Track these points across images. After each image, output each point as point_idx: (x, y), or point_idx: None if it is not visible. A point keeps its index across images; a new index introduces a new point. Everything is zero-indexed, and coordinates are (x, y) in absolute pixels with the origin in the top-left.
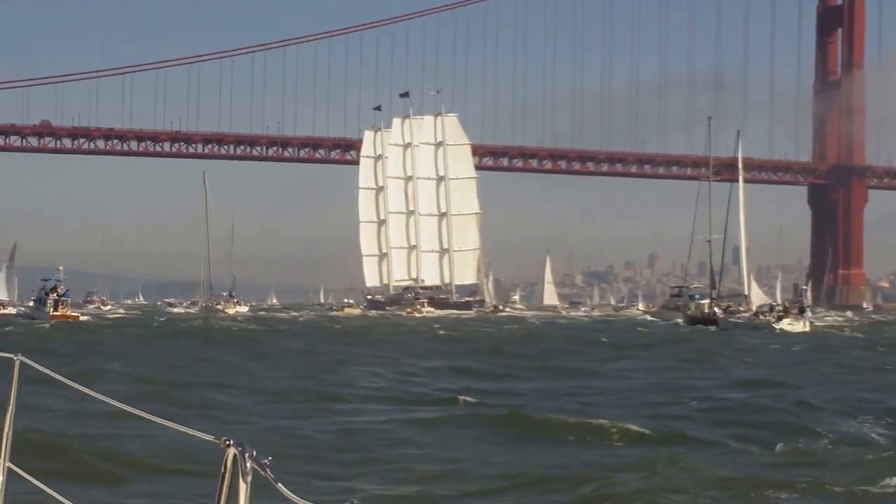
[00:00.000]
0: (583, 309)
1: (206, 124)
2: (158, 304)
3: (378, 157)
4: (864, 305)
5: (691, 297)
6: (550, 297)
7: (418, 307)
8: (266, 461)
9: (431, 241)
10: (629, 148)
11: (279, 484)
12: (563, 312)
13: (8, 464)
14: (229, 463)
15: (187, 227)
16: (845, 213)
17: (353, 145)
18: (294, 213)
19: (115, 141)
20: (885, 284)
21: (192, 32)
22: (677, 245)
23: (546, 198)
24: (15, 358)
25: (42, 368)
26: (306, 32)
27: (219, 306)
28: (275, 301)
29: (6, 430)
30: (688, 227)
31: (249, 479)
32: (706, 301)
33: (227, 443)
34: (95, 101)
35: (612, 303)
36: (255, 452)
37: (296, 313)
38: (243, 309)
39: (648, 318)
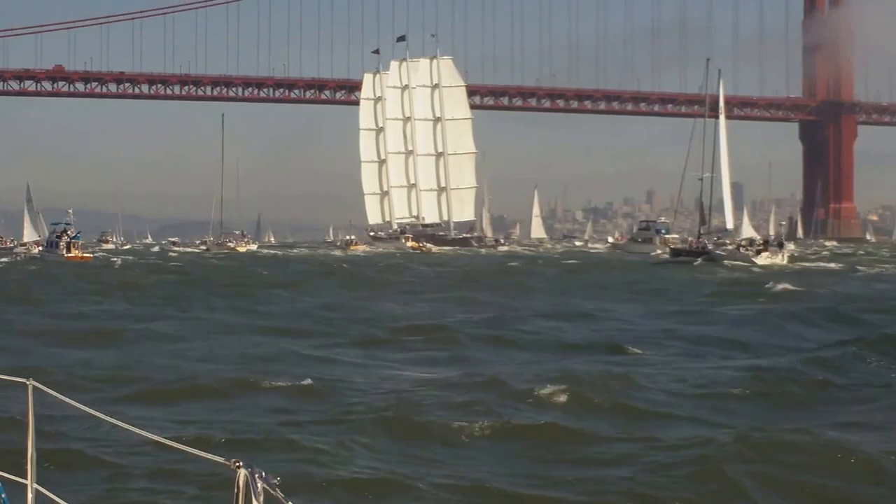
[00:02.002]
0: (576, 242)
1: (215, 67)
2: (163, 242)
3: (377, 99)
4: (868, 237)
5: (657, 232)
6: (538, 230)
7: (403, 241)
8: (275, 481)
9: (430, 180)
10: (625, 87)
11: (290, 503)
12: (549, 246)
13: (35, 485)
14: (241, 484)
15: (200, 167)
16: (835, 148)
17: (357, 87)
18: (299, 152)
19: (127, 84)
20: (875, 218)
21: None
22: (675, 182)
23: (546, 136)
24: (27, 382)
25: (54, 394)
26: None
27: (230, 243)
28: (272, 239)
29: (29, 453)
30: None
31: (262, 498)
32: (672, 236)
33: (238, 464)
34: (107, 46)
35: (610, 239)
36: (264, 473)
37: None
38: (253, 247)
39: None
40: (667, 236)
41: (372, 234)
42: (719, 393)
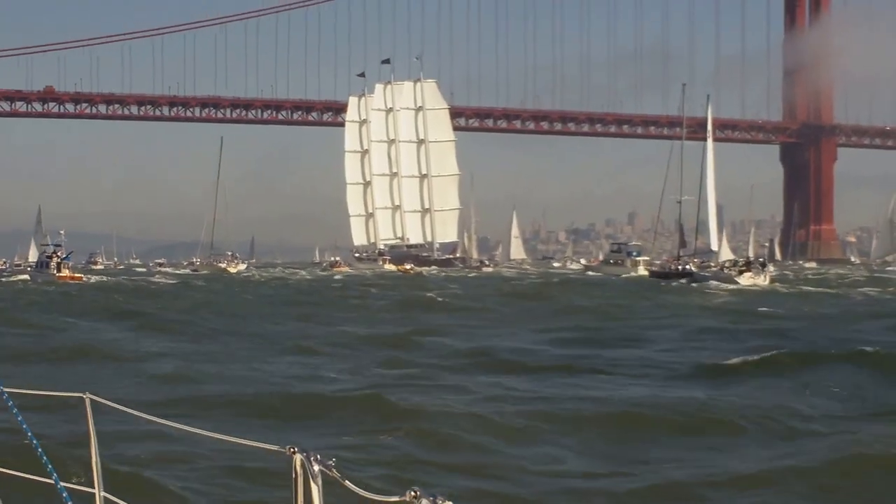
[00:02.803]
0: (555, 264)
1: (203, 89)
2: (150, 264)
3: (362, 122)
4: (853, 259)
5: (629, 254)
6: (518, 251)
7: (380, 262)
8: (331, 462)
9: (414, 202)
10: (608, 109)
11: (347, 482)
12: (528, 267)
13: (104, 493)
14: (298, 468)
15: (188, 189)
16: (816, 170)
17: (343, 108)
18: (285, 173)
19: (116, 105)
20: (853, 239)
21: (187, 0)
22: (657, 203)
23: (529, 158)
24: (84, 396)
25: (110, 403)
26: None
27: (221, 265)
28: (253, 260)
29: (94, 462)
30: (669, 186)
31: (320, 481)
32: (643, 258)
33: (293, 450)
34: (96, 68)
35: (583, 261)
36: (319, 456)
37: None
38: (242, 267)
39: (590, 273)
40: (638, 258)
41: (357, 255)
42: None
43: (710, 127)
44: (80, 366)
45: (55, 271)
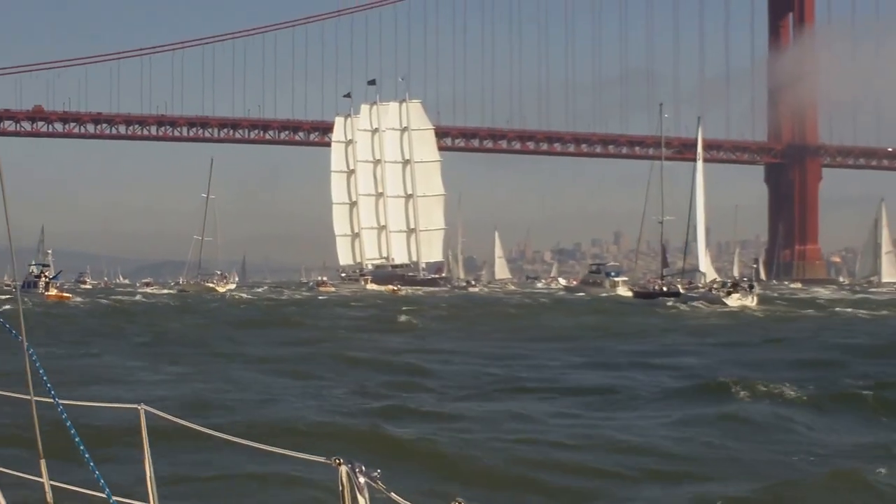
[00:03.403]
0: (538, 284)
1: (191, 108)
2: (136, 284)
3: (348, 142)
4: (841, 279)
5: (607, 275)
6: (502, 271)
7: (362, 283)
8: (376, 473)
9: (399, 222)
10: (594, 129)
11: (392, 493)
12: (513, 287)
13: None
14: (344, 480)
15: (176, 208)
16: (801, 190)
17: (331, 128)
18: (272, 193)
19: (104, 125)
20: (838, 259)
21: (175, 20)
22: (647, 222)
23: (514, 178)
24: (139, 408)
25: (165, 415)
26: (284, 19)
27: (210, 284)
28: (235, 279)
29: (147, 474)
30: (651, 206)
31: (366, 493)
32: (621, 278)
33: (339, 462)
34: (85, 87)
35: (562, 281)
36: (364, 467)
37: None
38: (232, 286)
39: (561, 293)
40: (616, 279)
41: (343, 274)
42: None
43: (699, 149)
44: None
45: (44, 291)
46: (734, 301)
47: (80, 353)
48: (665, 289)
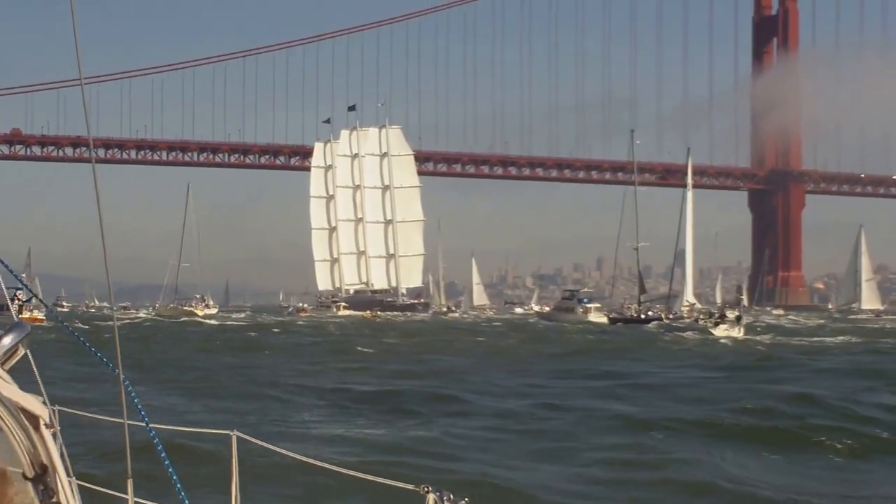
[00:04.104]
0: (517, 309)
1: (171, 132)
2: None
3: (328, 168)
4: (829, 306)
5: (580, 301)
6: (480, 297)
7: (334, 310)
8: (464, 501)
9: (378, 247)
10: (576, 155)
11: None
12: (491, 313)
13: None
14: None
15: (155, 231)
16: (784, 217)
17: (311, 153)
18: (249, 217)
19: (83, 148)
20: (821, 286)
21: (155, 44)
22: (623, 249)
23: (495, 203)
24: (232, 434)
25: (257, 441)
26: (264, 43)
27: (188, 308)
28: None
29: (233, 499)
30: (626, 232)
31: None
32: (593, 305)
33: (427, 489)
34: (63, 111)
35: (536, 308)
36: (451, 496)
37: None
38: (213, 310)
39: (531, 319)
40: (589, 305)
41: (320, 300)
42: None
43: (689, 177)
44: None
45: (15, 315)
46: (721, 332)
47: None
48: (644, 315)
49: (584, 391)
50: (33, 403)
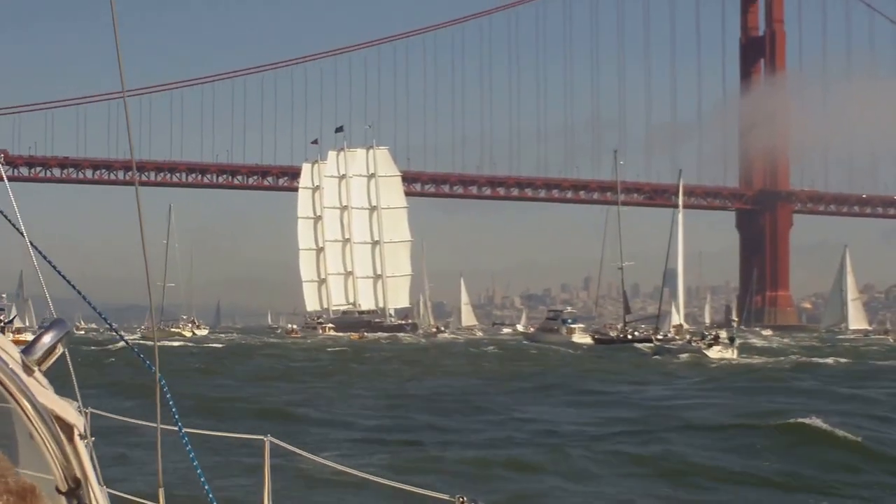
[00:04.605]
0: (504, 329)
1: (159, 153)
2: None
3: (315, 188)
4: (821, 328)
5: (564, 322)
6: (468, 318)
7: (320, 331)
8: None
9: (366, 268)
10: (565, 175)
11: None
12: (480, 333)
13: None
14: None
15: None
16: (772, 237)
17: (299, 173)
18: (238, 238)
19: (71, 169)
20: (808, 305)
21: (143, 65)
22: (609, 268)
23: (483, 223)
24: (265, 439)
25: (290, 447)
26: (252, 64)
27: (174, 329)
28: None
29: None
30: (629, 252)
31: None
32: (577, 325)
33: (462, 500)
34: (51, 131)
35: (520, 328)
36: None
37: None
38: (204, 332)
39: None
40: (573, 326)
41: (307, 321)
42: None
43: (680, 198)
44: None
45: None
46: (715, 353)
47: None
48: (629, 335)
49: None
50: (69, 412)
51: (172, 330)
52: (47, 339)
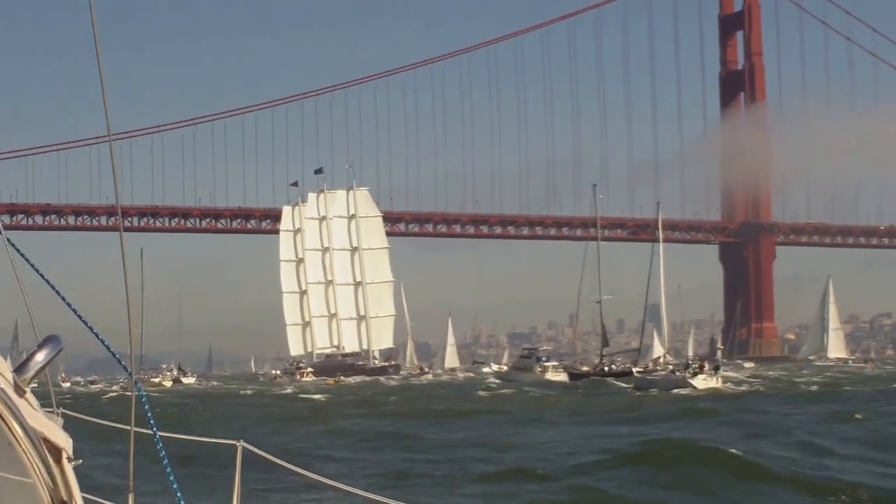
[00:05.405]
0: (484, 369)
1: (141, 198)
2: (82, 381)
3: (297, 231)
4: (811, 357)
5: (538, 360)
6: (452, 359)
7: (298, 376)
8: None
9: (349, 309)
10: (547, 212)
11: None
12: (461, 376)
13: None
14: None
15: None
16: (755, 269)
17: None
18: (219, 282)
19: (53, 216)
20: (792, 336)
21: (122, 109)
22: (590, 303)
23: (470, 263)
24: (237, 444)
25: (262, 453)
26: (232, 106)
27: (154, 379)
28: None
29: None
30: (613, 288)
31: None
32: (551, 363)
33: None
34: (32, 178)
35: (494, 367)
36: None
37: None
38: (191, 380)
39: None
40: (547, 364)
41: (287, 367)
42: None
43: (660, 232)
44: None
45: None
46: (702, 383)
47: None
48: (607, 368)
49: None
50: (58, 434)
51: (152, 380)
52: (41, 356)
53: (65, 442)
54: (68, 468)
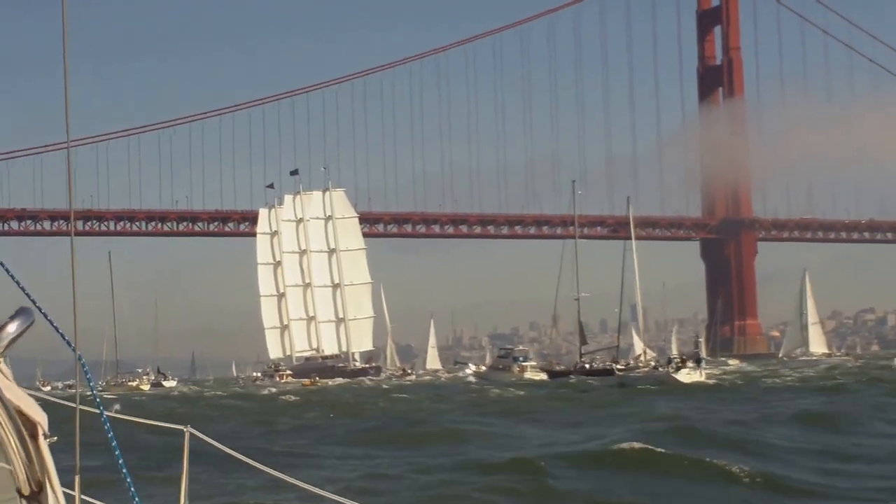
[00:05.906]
0: (466, 370)
1: (117, 202)
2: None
3: (273, 233)
4: (796, 352)
5: (515, 360)
6: (433, 361)
7: (277, 378)
8: None
9: (327, 312)
10: (527, 211)
11: None
12: (443, 378)
13: None
14: None
15: (102, 305)
16: (737, 265)
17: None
18: (196, 285)
19: (28, 221)
20: (776, 334)
21: (97, 112)
22: (569, 301)
23: (451, 263)
24: (185, 429)
25: (210, 440)
26: (209, 108)
27: (132, 383)
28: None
29: (182, 494)
30: (595, 287)
31: None
32: (529, 363)
33: None
34: (7, 182)
35: (472, 367)
36: None
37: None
38: (173, 383)
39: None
40: (525, 364)
41: (266, 370)
42: None
43: (632, 229)
44: None
45: None
46: (685, 377)
47: None
48: (588, 366)
49: None
50: (34, 408)
51: (129, 384)
52: (12, 328)
53: (41, 417)
54: (44, 446)
